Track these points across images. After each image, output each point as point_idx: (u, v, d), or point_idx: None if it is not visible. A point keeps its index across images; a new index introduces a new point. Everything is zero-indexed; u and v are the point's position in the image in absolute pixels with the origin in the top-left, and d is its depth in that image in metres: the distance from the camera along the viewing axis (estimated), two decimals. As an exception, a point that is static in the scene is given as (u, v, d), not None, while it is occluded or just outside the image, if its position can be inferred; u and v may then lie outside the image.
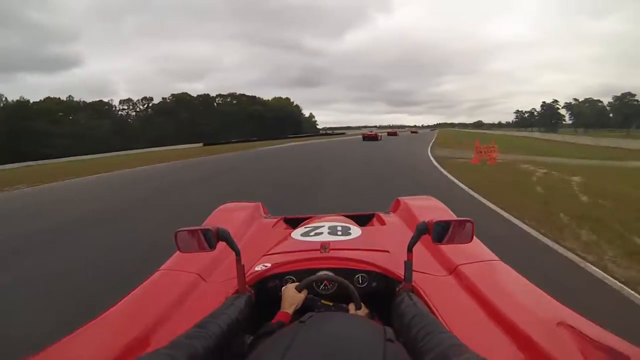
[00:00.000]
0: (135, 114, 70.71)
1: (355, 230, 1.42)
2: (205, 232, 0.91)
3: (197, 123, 68.48)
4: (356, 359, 0.54)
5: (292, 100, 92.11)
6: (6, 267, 3.54)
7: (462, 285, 1.04)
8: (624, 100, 77.88)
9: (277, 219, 1.98)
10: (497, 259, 1.22)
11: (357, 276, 1.07)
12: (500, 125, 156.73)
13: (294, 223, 1.87)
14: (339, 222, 1.53)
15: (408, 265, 0.95)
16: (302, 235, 1.39)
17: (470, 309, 0.92)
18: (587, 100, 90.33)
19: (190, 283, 1.13)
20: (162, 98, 73.97)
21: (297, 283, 0.99)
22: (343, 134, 79.32)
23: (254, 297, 1.00)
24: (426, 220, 0.92)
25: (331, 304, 0.98)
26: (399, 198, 2.11)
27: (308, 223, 1.60)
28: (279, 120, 78.40)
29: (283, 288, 1.00)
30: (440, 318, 0.84)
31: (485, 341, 0.77)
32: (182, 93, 75.48)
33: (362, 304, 0.94)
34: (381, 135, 38.29)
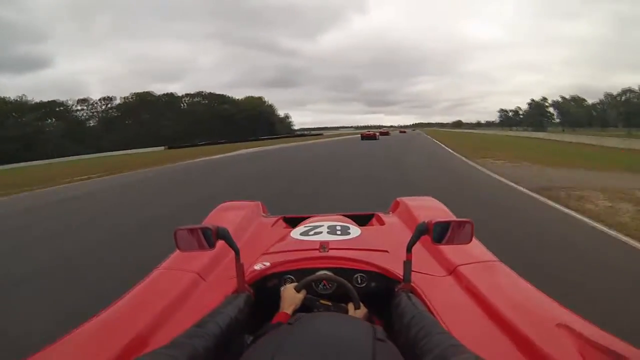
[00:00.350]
0: (95, 116, 65.61)
1: (355, 230, 1.42)
2: (205, 230, 0.91)
3: (161, 125, 63.95)
4: (345, 358, 0.54)
5: (265, 100, 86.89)
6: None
7: (461, 286, 1.04)
8: (616, 99, 70.54)
9: (276, 218, 1.98)
10: (497, 259, 1.21)
11: (356, 276, 1.07)
12: (479, 125, 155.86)
13: (293, 222, 1.86)
14: (339, 222, 1.53)
15: (407, 265, 0.95)
16: (301, 234, 1.39)
17: (469, 310, 0.91)
18: (573, 99, 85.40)
19: (189, 282, 1.12)
20: (123, 98, 68.49)
21: (296, 283, 0.99)
22: (320, 134, 75.40)
23: (253, 296, 1.01)
24: (426, 221, 0.92)
25: (330, 303, 0.98)
26: (399, 198, 2.10)
27: (307, 222, 1.59)
28: (251, 120, 73.86)
29: (282, 288, 0.99)
30: (439, 318, 0.84)
31: (484, 342, 0.77)
32: (145, 92, 69.92)
33: (360, 303, 0.94)
34: (379, 135, 39.79)
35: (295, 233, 1.42)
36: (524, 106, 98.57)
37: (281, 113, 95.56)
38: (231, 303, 0.89)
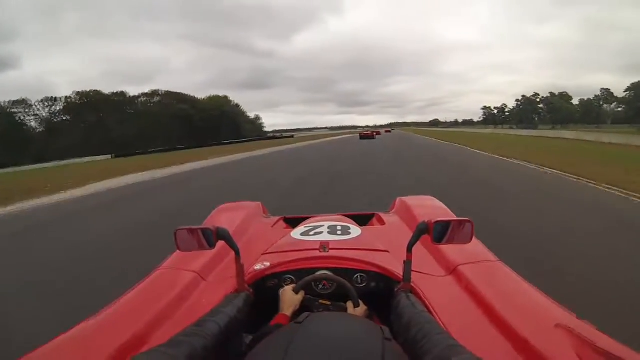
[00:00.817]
0: (35, 119, 57.68)
1: (355, 230, 1.42)
2: (205, 231, 0.91)
3: (111, 128, 54.90)
4: (356, 358, 0.55)
5: (231, 99, 77.24)
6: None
7: (461, 286, 1.04)
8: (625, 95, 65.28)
9: (276, 219, 1.99)
10: (497, 259, 1.20)
11: (356, 276, 1.07)
12: (457, 123, 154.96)
13: (293, 223, 1.87)
14: (339, 222, 1.54)
15: (407, 265, 0.95)
16: (301, 234, 1.39)
17: (469, 310, 0.91)
18: (560, 96, 79.98)
19: (189, 282, 1.12)
20: (66, 98, 56.96)
21: (294, 285, 0.99)
22: (291, 136, 68.78)
23: (253, 296, 1.00)
24: (426, 220, 0.92)
25: (329, 303, 0.98)
26: (399, 198, 2.10)
27: (308, 223, 1.59)
28: (214, 122, 64.77)
29: (280, 290, 0.99)
30: (438, 319, 0.84)
31: (483, 342, 0.77)
32: (93, 91, 58.46)
33: (360, 301, 0.94)
34: (375, 134, 39.60)
35: (296, 233, 1.42)
36: (508, 103, 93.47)
37: (252, 114, 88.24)
38: (231, 303, 0.89)
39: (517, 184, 7.34)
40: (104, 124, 55.93)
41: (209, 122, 64.14)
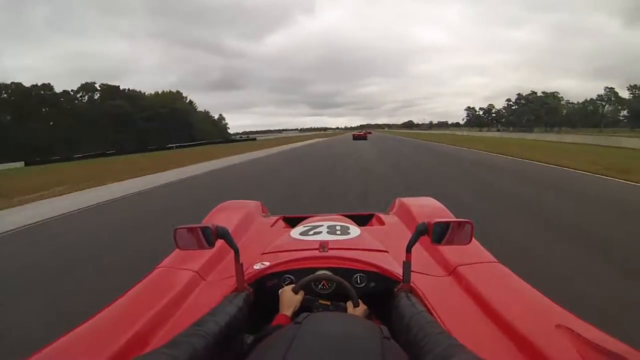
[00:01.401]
0: None
1: (355, 230, 1.41)
2: (204, 229, 0.91)
3: (29, 129, 43.74)
4: (356, 357, 0.55)
5: (184, 95, 63.90)
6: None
7: (461, 286, 1.04)
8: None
9: (276, 218, 1.98)
10: (496, 260, 1.20)
11: (355, 276, 1.07)
12: (432, 125, 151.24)
13: (293, 222, 1.87)
14: (338, 222, 1.53)
15: (407, 265, 0.95)
16: (301, 234, 1.39)
17: (469, 310, 0.91)
18: (553, 96, 71.72)
19: (188, 281, 1.12)
20: None
21: (294, 285, 0.99)
22: (254, 139, 59.67)
23: (252, 295, 1.00)
24: (425, 221, 0.92)
25: (329, 303, 0.97)
26: (399, 198, 2.10)
27: (307, 222, 1.59)
28: (160, 121, 51.62)
29: (280, 291, 0.99)
30: (438, 319, 0.84)
31: (483, 342, 0.77)
32: (13, 84, 46.52)
33: (359, 301, 0.94)
34: (367, 134, 38.90)
35: (295, 233, 1.42)
36: (476, 105, 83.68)
37: (216, 114, 77.99)
38: (231, 302, 0.88)
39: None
40: (20, 124, 44.94)
41: (155, 122, 51.95)
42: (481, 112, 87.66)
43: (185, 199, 7.63)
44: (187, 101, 64.68)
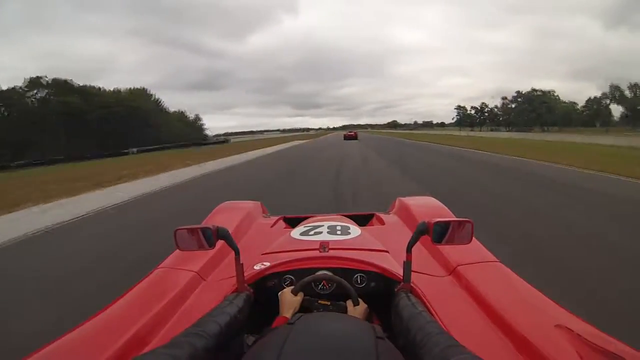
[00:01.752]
0: None
1: (355, 230, 1.42)
2: (205, 230, 0.91)
3: None
4: (349, 357, 0.55)
5: (151, 93, 54.61)
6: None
7: (461, 286, 1.04)
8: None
9: (276, 218, 1.97)
10: (496, 260, 1.20)
11: (356, 276, 1.07)
12: (416, 125, 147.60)
13: (293, 222, 1.87)
14: (339, 222, 1.53)
15: (407, 265, 0.95)
16: (301, 234, 1.39)
17: (469, 310, 0.92)
18: (550, 94, 64.60)
19: (189, 281, 1.12)
20: None
21: (293, 287, 0.99)
22: (225, 141, 54.37)
23: (253, 296, 1.00)
24: (426, 221, 0.92)
25: (329, 303, 0.97)
26: (399, 198, 2.10)
27: (307, 222, 1.59)
28: (120, 122, 44.09)
29: (279, 293, 0.98)
30: (438, 319, 0.84)
31: (483, 342, 0.77)
32: None
33: (359, 300, 0.94)
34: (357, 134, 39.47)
35: (295, 233, 1.42)
36: (456, 105, 75.48)
37: (191, 115, 69.61)
38: (231, 303, 0.88)
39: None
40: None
41: (116, 123, 44.36)
42: (473, 111, 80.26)
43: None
44: (154, 99, 57.56)
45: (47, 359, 0.73)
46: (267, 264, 1.10)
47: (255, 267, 1.10)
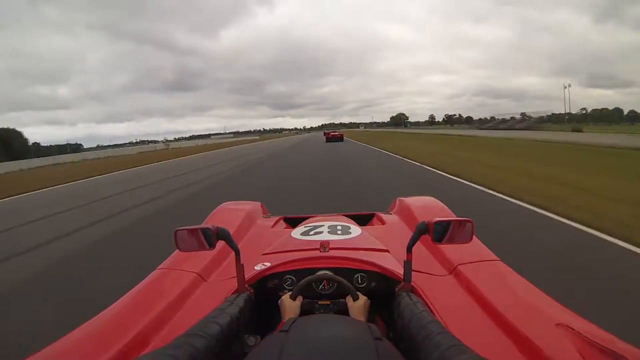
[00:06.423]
0: None
1: (355, 230, 1.42)
2: (205, 231, 0.91)
3: None
4: (351, 359, 0.54)
5: None
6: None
7: (462, 285, 1.04)
8: None
9: (277, 219, 1.98)
10: (497, 258, 1.20)
11: (356, 276, 1.07)
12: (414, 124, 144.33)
13: (293, 222, 1.88)
14: (339, 222, 1.53)
15: (407, 265, 0.95)
16: (301, 234, 1.39)
17: (470, 309, 0.92)
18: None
19: (189, 282, 1.12)
20: None
21: (291, 292, 0.98)
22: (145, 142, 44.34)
23: (253, 296, 1.00)
24: (426, 220, 0.92)
25: (329, 302, 0.97)
26: (399, 198, 2.11)
27: (308, 222, 1.60)
28: None
29: (279, 301, 0.98)
30: (439, 318, 0.84)
31: (485, 341, 0.77)
32: None
33: (358, 294, 0.93)
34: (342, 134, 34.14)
35: (296, 233, 1.42)
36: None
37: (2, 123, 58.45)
38: (232, 303, 0.88)
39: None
40: None
41: None
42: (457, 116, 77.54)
43: None
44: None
45: (48, 359, 0.73)
46: (268, 264, 1.11)
47: (255, 268, 1.10)
